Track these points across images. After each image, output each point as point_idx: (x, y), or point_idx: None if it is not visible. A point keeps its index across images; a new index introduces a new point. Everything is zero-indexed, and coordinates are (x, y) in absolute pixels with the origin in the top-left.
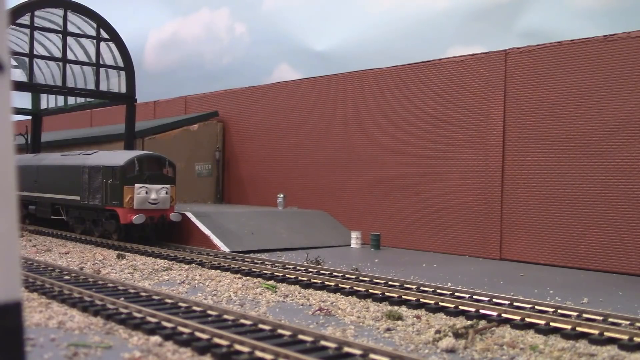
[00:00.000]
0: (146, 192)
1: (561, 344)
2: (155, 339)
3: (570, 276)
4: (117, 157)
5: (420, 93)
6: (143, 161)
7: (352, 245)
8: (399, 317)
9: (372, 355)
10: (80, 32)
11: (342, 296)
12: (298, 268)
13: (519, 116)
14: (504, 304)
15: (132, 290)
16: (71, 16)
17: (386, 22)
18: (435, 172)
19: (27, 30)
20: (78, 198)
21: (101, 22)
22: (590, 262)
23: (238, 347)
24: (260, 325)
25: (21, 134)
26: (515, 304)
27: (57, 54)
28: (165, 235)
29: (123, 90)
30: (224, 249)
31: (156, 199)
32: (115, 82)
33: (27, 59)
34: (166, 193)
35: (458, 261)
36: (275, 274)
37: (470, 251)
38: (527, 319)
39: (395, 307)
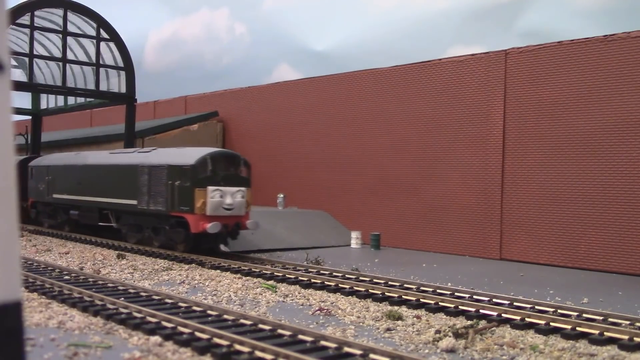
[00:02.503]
0: (221, 196)
1: (561, 344)
2: (155, 339)
3: (570, 276)
4: (186, 154)
5: (420, 93)
6: (216, 160)
7: (352, 245)
8: (399, 317)
9: (372, 355)
10: (80, 32)
11: (342, 296)
12: (298, 268)
13: (519, 116)
14: (504, 304)
15: (132, 290)
16: (71, 16)
17: (386, 22)
18: (435, 173)
19: (27, 30)
20: (135, 202)
21: (101, 22)
22: (590, 262)
23: (238, 347)
24: (260, 325)
25: (21, 134)
26: (515, 304)
27: (57, 54)
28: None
29: (123, 90)
30: (224, 249)
31: (231, 204)
32: (115, 82)
33: (27, 59)
34: (242, 197)
35: (458, 261)
36: (275, 274)
37: (470, 251)
38: (527, 319)
39: (395, 307)
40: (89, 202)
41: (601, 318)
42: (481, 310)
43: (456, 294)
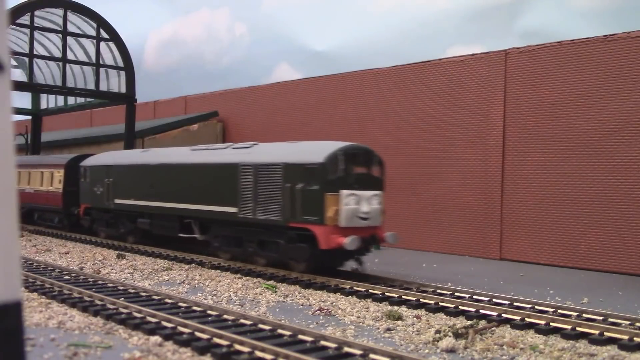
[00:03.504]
0: (356, 203)
1: (561, 344)
2: (155, 339)
3: (570, 276)
4: (309, 150)
5: (420, 93)
6: (350, 156)
7: None
8: (399, 317)
9: (372, 355)
10: (80, 32)
11: (342, 296)
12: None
13: (519, 116)
14: (504, 304)
15: (132, 290)
16: (71, 16)
17: (386, 22)
18: (435, 172)
19: (27, 30)
20: (234, 210)
21: (101, 22)
22: (590, 262)
23: (238, 347)
24: (260, 325)
25: (21, 134)
26: (515, 304)
27: (57, 54)
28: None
29: (123, 90)
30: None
31: (368, 212)
32: (115, 82)
33: (27, 59)
34: (379, 203)
35: (458, 261)
36: (275, 274)
37: (470, 251)
38: (527, 319)
39: (395, 307)
40: (166, 208)
41: (601, 318)
42: (481, 310)
43: (456, 294)
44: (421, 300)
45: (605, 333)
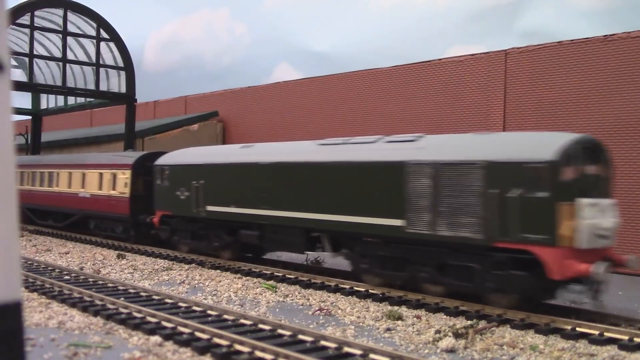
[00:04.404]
0: (597, 216)
1: (561, 344)
2: (155, 339)
3: None
4: (523, 143)
5: (420, 93)
6: (585, 151)
7: None
8: (399, 317)
9: (372, 355)
10: (80, 32)
11: (342, 296)
12: (298, 268)
13: (519, 116)
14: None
15: (132, 290)
16: (71, 16)
17: (386, 22)
18: None
19: (27, 30)
20: (399, 223)
21: (101, 22)
22: None
23: (238, 347)
24: (260, 325)
25: (21, 134)
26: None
27: (57, 54)
28: None
29: (123, 90)
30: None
31: (609, 229)
32: (115, 82)
33: (27, 59)
34: (616, 216)
35: None
36: (275, 274)
37: None
38: (527, 319)
39: (395, 307)
40: (285, 219)
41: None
42: (481, 311)
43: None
44: (421, 300)
45: (605, 333)
